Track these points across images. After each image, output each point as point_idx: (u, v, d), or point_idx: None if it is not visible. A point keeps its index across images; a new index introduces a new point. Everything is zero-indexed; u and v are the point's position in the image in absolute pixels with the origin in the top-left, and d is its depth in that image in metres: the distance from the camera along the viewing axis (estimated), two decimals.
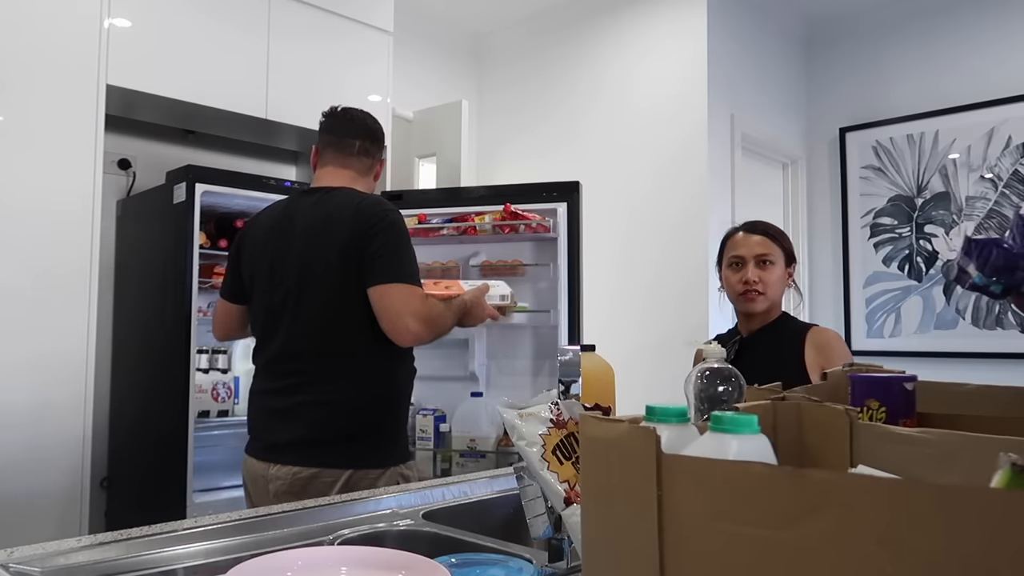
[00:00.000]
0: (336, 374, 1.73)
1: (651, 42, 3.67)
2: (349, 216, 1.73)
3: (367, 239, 1.70)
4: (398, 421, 1.80)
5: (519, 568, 0.95)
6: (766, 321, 1.93)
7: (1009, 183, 3.54)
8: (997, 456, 0.53)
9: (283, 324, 1.77)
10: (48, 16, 2.37)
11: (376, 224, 1.71)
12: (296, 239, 1.78)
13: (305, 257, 1.75)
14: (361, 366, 1.73)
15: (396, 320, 1.66)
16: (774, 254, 1.91)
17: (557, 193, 2.91)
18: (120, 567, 1.01)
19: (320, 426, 1.71)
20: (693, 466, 0.52)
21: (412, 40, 3.88)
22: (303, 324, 1.75)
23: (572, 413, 0.95)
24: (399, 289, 1.68)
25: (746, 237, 1.95)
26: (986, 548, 0.40)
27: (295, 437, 1.71)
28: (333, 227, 1.73)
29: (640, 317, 3.58)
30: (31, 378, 2.29)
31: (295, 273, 1.76)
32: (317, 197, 1.82)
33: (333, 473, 1.67)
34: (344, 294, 1.72)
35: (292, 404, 1.74)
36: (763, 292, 1.89)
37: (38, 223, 2.32)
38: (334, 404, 1.72)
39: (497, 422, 2.81)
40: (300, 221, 1.79)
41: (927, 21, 3.82)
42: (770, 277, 1.90)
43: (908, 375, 0.89)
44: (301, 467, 1.68)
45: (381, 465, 1.71)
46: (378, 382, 1.75)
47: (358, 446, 1.70)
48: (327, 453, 1.69)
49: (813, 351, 1.82)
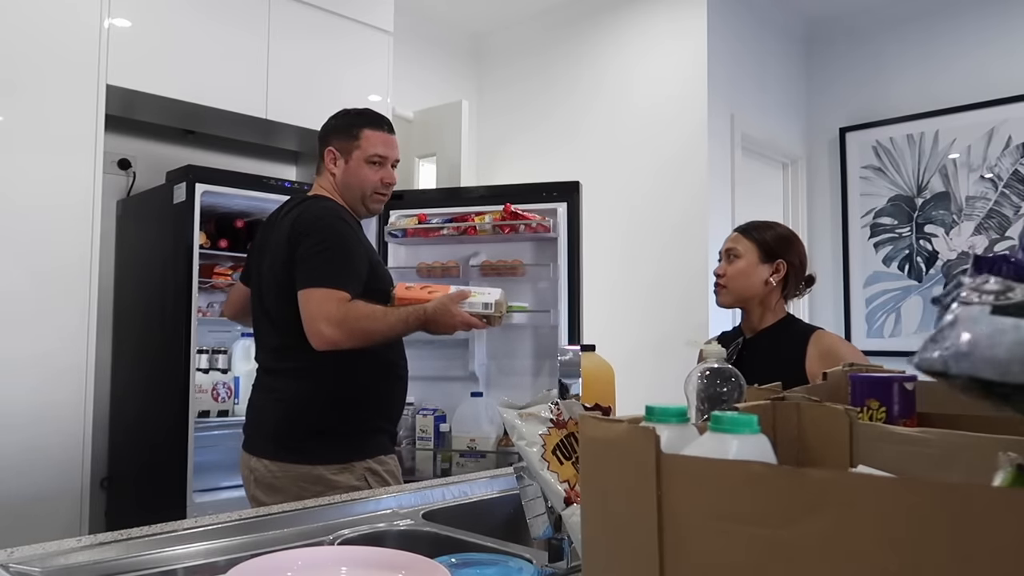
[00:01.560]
0: (299, 372, 1.80)
1: (651, 42, 3.67)
2: (290, 223, 1.81)
3: (296, 244, 1.76)
4: (365, 418, 1.83)
5: (519, 568, 0.95)
6: (767, 323, 1.92)
7: (1009, 183, 3.54)
8: (997, 456, 0.53)
9: (260, 323, 1.90)
10: (48, 16, 2.37)
11: (304, 229, 1.77)
12: (268, 243, 1.88)
13: (267, 261, 1.85)
14: (320, 365, 1.76)
15: (309, 324, 1.67)
16: (741, 249, 1.92)
17: (557, 193, 2.91)
18: (120, 567, 1.01)
19: (287, 421, 1.79)
20: (693, 466, 0.52)
21: (412, 40, 3.88)
22: (269, 324, 1.86)
23: (572, 413, 0.95)
24: (315, 293, 1.68)
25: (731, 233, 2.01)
26: (986, 547, 0.40)
27: (267, 431, 1.81)
28: (283, 234, 1.82)
29: (640, 317, 3.58)
30: (31, 378, 2.29)
31: (263, 275, 1.87)
32: (288, 206, 1.92)
33: (295, 468, 1.74)
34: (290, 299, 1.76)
35: (266, 400, 1.85)
36: (724, 285, 1.92)
37: (38, 223, 2.32)
38: (297, 401, 1.79)
39: (497, 422, 2.81)
40: (269, 229, 1.91)
41: (927, 21, 3.82)
42: (732, 270, 1.91)
43: (908, 375, 0.89)
44: (270, 460, 1.77)
45: (344, 460, 1.76)
46: (338, 380, 1.80)
47: (319, 442, 1.76)
48: (291, 448, 1.77)
49: (816, 357, 1.79)
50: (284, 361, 1.83)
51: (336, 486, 1.71)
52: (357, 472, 1.76)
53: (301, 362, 1.78)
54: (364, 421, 1.83)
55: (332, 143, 1.92)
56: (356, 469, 1.76)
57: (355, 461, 1.77)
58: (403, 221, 3.05)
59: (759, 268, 1.90)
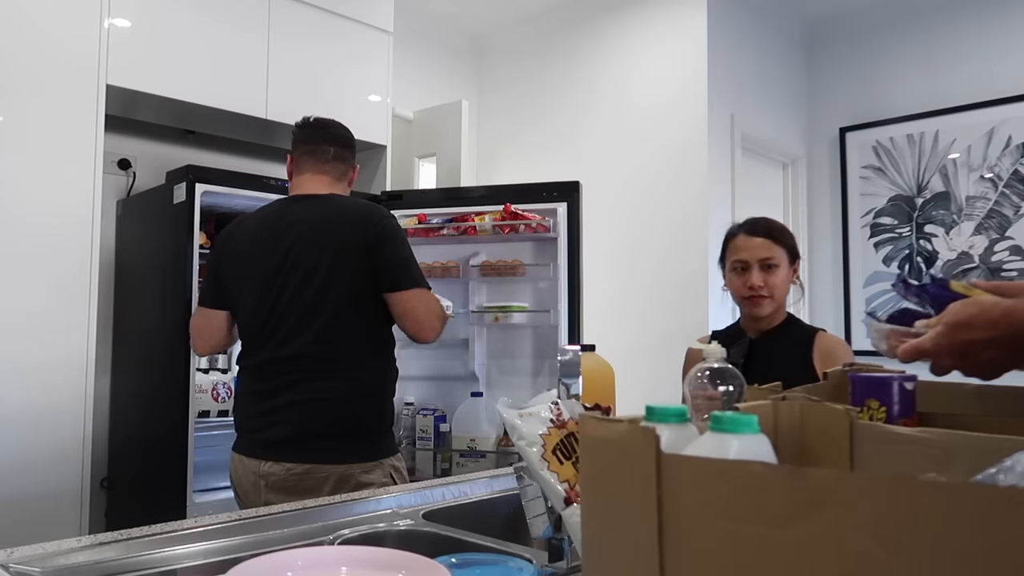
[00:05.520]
0: (329, 373, 1.78)
1: (651, 42, 3.67)
2: (351, 222, 1.81)
3: (376, 246, 1.78)
4: (386, 416, 1.87)
5: (519, 568, 0.95)
6: (773, 323, 1.92)
7: (1009, 183, 3.54)
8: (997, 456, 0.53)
9: (278, 327, 1.81)
10: (48, 16, 2.37)
11: (382, 232, 1.80)
12: (292, 244, 1.82)
13: (302, 261, 1.80)
14: (353, 365, 1.79)
15: (424, 321, 1.82)
16: (777, 256, 1.88)
17: (557, 193, 2.91)
18: (120, 567, 1.01)
19: (314, 423, 1.77)
20: (693, 466, 0.52)
21: (412, 40, 3.88)
22: (298, 326, 1.79)
23: (572, 413, 0.95)
24: (423, 293, 1.83)
25: (748, 240, 1.91)
26: (985, 546, 0.40)
27: (288, 434, 1.76)
28: (335, 232, 1.80)
29: (640, 317, 3.58)
30: (31, 378, 2.29)
31: (291, 277, 1.80)
32: (309, 203, 1.88)
33: (327, 468, 1.72)
34: (340, 296, 1.78)
35: (285, 403, 1.79)
36: (769, 295, 1.88)
37: (38, 223, 2.32)
38: (327, 401, 1.77)
39: (497, 422, 2.81)
40: (296, 227, 1.83)
41: (927, 20, 3.82)
42: (775, 280, 1.87)
43: (908, 375, 0.89)
44: (294, 463, 1.73)
45: (373, 458, 1.77)
46: (367, 380, 1.82)
47: (350, 441, 1.77)
48: (320, 449, 1.74)
49: (820, 357, 1.82)
50: (313, 363, 1.78)
51: (368, 484, 1.72)
52: (385, 469, 1.79)
53: (333, 363, 1.78)
54: (388, 418, 1.88)
55: (356, 162, 2.03)
56: (384, 467, 1.79)
57: (383, 458, 1.80)
58: (403, 221, 3.05)
59: (788, 273, 1.92)
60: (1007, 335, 0.78)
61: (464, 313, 2.98)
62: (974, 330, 0.81)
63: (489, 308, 2.97)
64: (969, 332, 0.81)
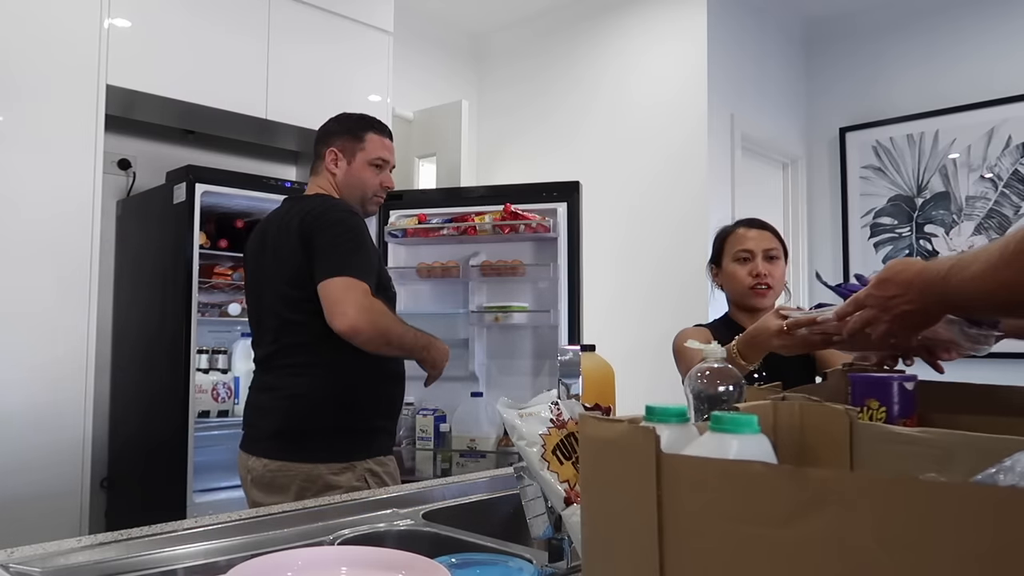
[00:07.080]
0: (298, 371, 1.80)
1: (651, 42, 3.67)
2: (297, 220, 1.80)
3: (309, 237, 1.75)
4: (361, 415, 1.82)
5: (519, 568, 0.95)
6: None
7: (1009, 183, 3.54)
8: (997, 456, 0.53)
9: (261, 324, 1.89)
10: (48, 16, 2.37)
11: (320, 222, 1.76)
12: (264, 247, 1.88)
13: (267, 263, 1.86)
14: (323, 363, 1.78)
15: (334, 307, 1.67)
16: (778, 249, 1.94)
17: (557, 193, 2.91)
18: (120, 567, 1.01)
19: (288, 419, 1.78)
20: (693, 466, 0.52)
21: (412, 40, 3.88)
22: (271, 321, 1.85)
23: (572, 413, 0.95)
24: (342, 281, 1.69)
25: (749, 231, 1.95)
26: (985, 546, 0.40)
27: (267, 431, 1.80)
28: (287, 231, 1.81)
29: (640, 317, 3.57)
30: (31, 378, 2.29)
31: (264, 277, 1.87)
32: (288, 204, 1.92)
33: (294, 467, 1.73)
34: (298, 295, 1.77)
35: (266, 399, 1.84)
36: (772, 286, 1.91)
37: (38, 223, 2.32)
38: (295, 399, 1.78)
39: (497, 422, 2.81)
40: (272, 228, 1.89)
41: (927, 21, 3.82)
42: (776, 271, 1.91)
43: (908, 375, 0.89)
44: (269, 460, 1.76)
45: (342, 459, 1.75)
46: (341, 378, 1.79)
47: (317, 440, 1.76)
48: (289, 448, 1.76)
49: (821, 356, 1.83)
50: (286, 358, 1.82)
51: (336, 486, 1.71)
52: (358, 472, 1.76)
53: (304, 359, 1.79)
54: (366, 420, 1.83)
55: (334, 143, 1.93)
56: (357, 469, 1.76)
57: (356, 461, 1.77)
58: (403, 221, 3.06)
59: (784, 269, 1.96)
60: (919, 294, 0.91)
61: (464, 313, 2.98)
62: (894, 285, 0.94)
63: (489, 308, 2.98)
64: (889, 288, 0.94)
